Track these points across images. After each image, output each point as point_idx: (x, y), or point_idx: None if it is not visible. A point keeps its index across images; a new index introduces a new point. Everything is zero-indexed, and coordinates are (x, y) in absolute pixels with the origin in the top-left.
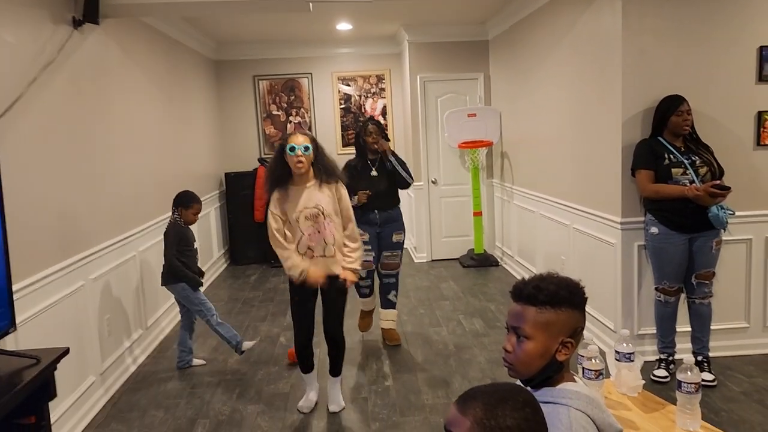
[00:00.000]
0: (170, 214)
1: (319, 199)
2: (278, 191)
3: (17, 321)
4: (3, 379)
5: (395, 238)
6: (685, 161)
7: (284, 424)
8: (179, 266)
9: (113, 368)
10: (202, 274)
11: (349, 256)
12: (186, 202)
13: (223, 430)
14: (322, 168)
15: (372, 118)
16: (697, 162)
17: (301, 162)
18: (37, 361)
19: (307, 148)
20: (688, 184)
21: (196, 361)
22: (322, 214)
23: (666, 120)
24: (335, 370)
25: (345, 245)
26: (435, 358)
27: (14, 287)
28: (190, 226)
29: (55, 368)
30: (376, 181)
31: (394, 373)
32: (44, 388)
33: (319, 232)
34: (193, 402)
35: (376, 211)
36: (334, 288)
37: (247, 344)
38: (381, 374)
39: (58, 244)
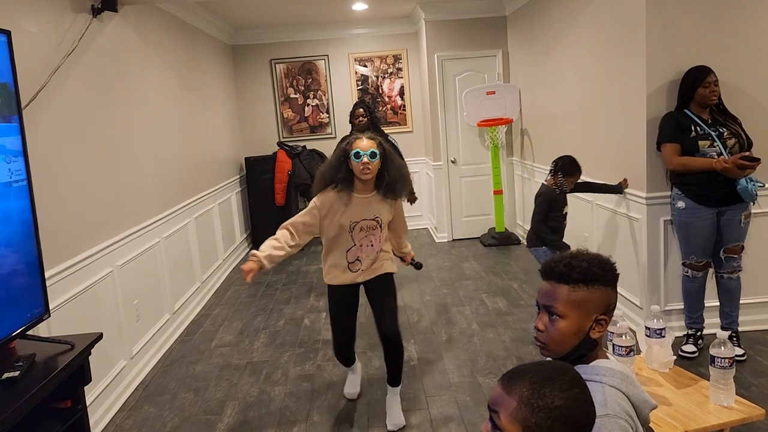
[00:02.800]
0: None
1: (379, 210)
2: (337, 192)
3: (50, 307)
4: (39, 364)
5: None
6: (713, 133)
7: (312, 404)
8: (544, 230)
9: (143, 352)
10: (563, 246)
11: (406, 249)
12: (572, 171)
13: (252, 412)
14: (389, 182)
15: (362, 100)
16: (725, 134)
17: (368, 169)
18: (71, 347)
19: (374, 155)
20: (716, 157)
21: None
22: (380, 226)
23: (693, 92)
24: (395, 378)
25: (401, 245)
26: (459, 338)
27: (46, 274)
28: (563, 193)
29: (90, 353)
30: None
31: (419, 352)
32: (79, 373)
33: (372, 245)
34: (221, 384)
35: None
36: (380, 288)
37: None
38: (406, 354)
39: (85, 232)
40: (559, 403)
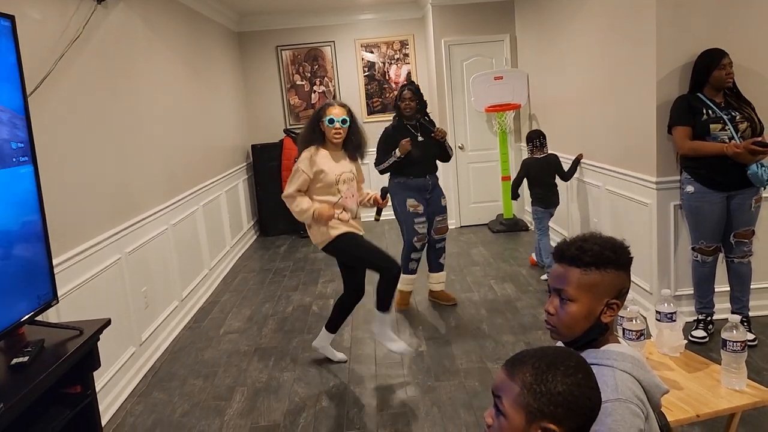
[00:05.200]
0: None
1: (351, 166)
2: (314, 150)
3: (58, 294)
4: (48, 349)
5: (443, 201)
6: (725, 116)
7: (320, 390)
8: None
9: (152, 339)
10: None
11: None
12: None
13: (261, 397)
14: (356, 145)
15: (411, 82)
16: (737, 117)
17: (339, 134)
18: (80, 332)
19: (344, 121)
20: (727, 141)
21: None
22: (354, 179)
23: (707, 75)
24: (386, 304)
25: (362, 194)
26: (467, 324)
27: (54, 261)
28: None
29: (98, 339)
30: (423, 145)
31: (428, 338)
32: (88, 358)
33: (353, 195)
34: (230, 370)
35: (427, 176)
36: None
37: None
38: (415, 340)
39: (93, 219)
40: (561, 389)
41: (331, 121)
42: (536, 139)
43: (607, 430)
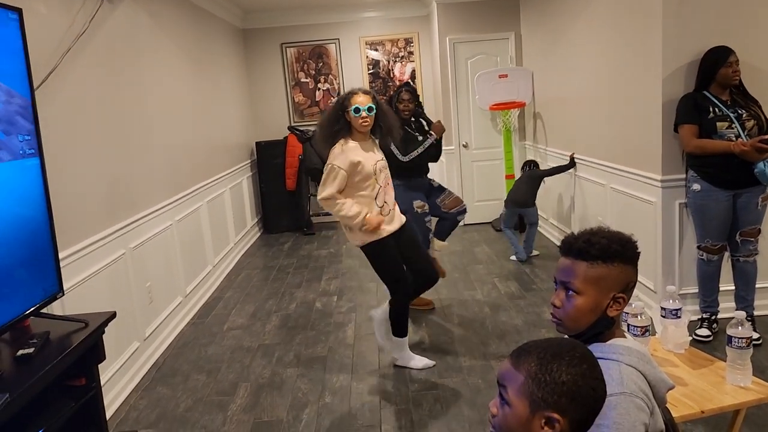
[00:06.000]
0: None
1: (381, 155)
2: (343, 143)
3: (64, 287)
4: (54, 342)
5: (436, 183)
6: (731, 114)
7: (323, 386)
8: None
9: (156, 334)
10: None
11: None
12: None
13: (264, 393)
14: (387, 128)
15: (408, 84)
16: (744, 115)
17: (366, 123)
18: (85, 325)
19: (371, 109)
20: (734, 138)
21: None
22: (388, 168)
23: (714, 72)
24: (400, 329)
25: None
26: (471, 321)
27: (60, 255)
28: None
29: (103, 331)
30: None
31: (431, 336)
32: (93, 351)
33: (388, 184)
34: (233, 366)
35: (426, 175)
36: (410, 236)
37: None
38: (418, 337)
39: (98, 214)
40: (565, 379)
41: (357, 110)
42: (531, 164)
43: (611, 424)
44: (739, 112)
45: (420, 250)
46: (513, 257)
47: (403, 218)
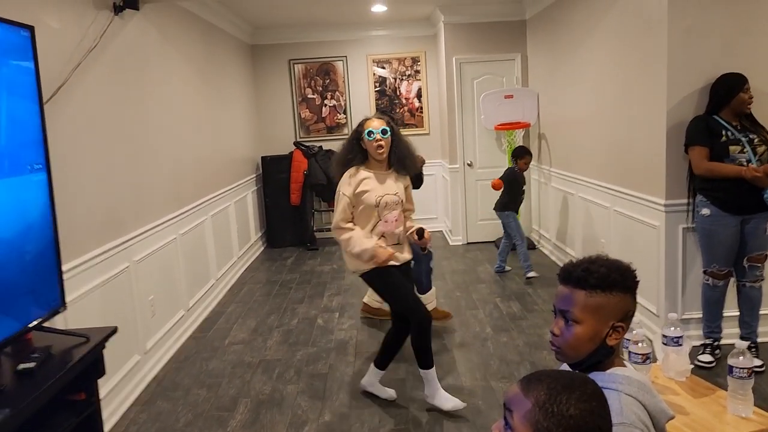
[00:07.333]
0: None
1: (398, 188)
2: (354, 170)
3: (66, 301)
4: (55, 356)
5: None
6: (743, 139)
7: (324, 404)
8: (507, 201)
9: (156, 348)
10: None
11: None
12: (522, 154)
13: (264, 409)
14: (399, 158)
15: (383, 110)
16: (755, 140)
17: (381, 147)
18: (87, 340)
19: (385, 132)
20: (745, 163)
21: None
22: (401, 203)
23: (731, 97)
24: (425, 360)
25: (408, 218)
26: (472, 341)
27: (63, 268)
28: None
29: (104, 346)
30: None
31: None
32: (94, 366)
33: (396, 220)
34: (234, 381)
35: None
36: (403, 273)
37: (532, 274)
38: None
39: (103, 227)
40: (574, 413)
41: (370, 133)
42: (527, 155)
43: None
44: (751, 137)
45: (399, 293)
46: (530, 274)
47: (409, 257)
